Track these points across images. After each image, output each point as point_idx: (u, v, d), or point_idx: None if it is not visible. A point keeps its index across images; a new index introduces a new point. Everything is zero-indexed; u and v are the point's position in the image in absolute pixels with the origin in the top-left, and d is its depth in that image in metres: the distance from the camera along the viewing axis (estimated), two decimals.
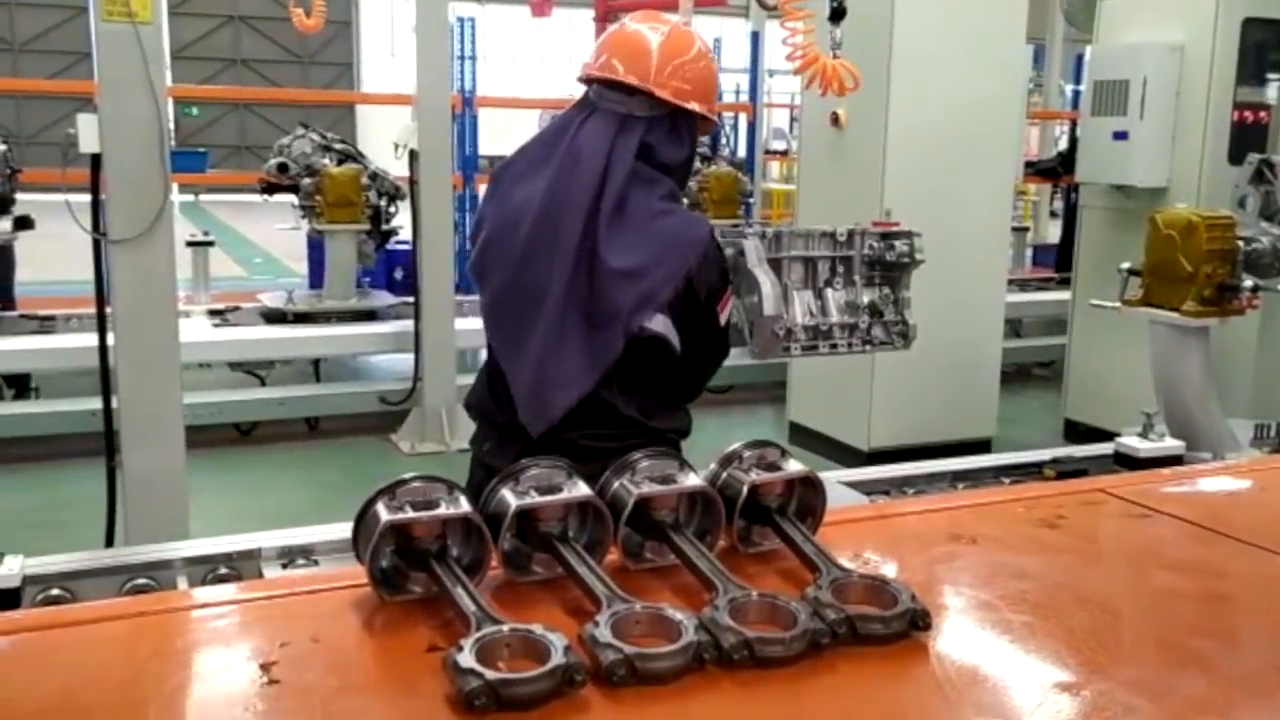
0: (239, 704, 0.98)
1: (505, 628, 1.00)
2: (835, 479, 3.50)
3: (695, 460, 1.39)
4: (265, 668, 1.02)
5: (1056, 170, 10.42)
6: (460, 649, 0.95)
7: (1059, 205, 14.15)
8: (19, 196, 7.15)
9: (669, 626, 1.03)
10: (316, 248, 7.93)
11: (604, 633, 1.00)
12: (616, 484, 1.28)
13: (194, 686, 1.01)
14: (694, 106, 2.16)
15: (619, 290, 2.03)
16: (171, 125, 5.01)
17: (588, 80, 2.20)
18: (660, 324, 2.05)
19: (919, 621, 1.10)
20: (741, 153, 12.50)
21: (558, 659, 0.94)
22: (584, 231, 2.04)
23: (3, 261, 7.38)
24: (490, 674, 0.92)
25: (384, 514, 1.15)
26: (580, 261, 2.04)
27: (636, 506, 1.24)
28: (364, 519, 1.18)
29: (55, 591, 2.59)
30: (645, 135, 2.12)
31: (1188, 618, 1.18)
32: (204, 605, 1.24)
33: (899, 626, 1.09)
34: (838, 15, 3.80)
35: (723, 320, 2.20)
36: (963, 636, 1.12)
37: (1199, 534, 1.41)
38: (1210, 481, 1.84)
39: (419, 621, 1.11)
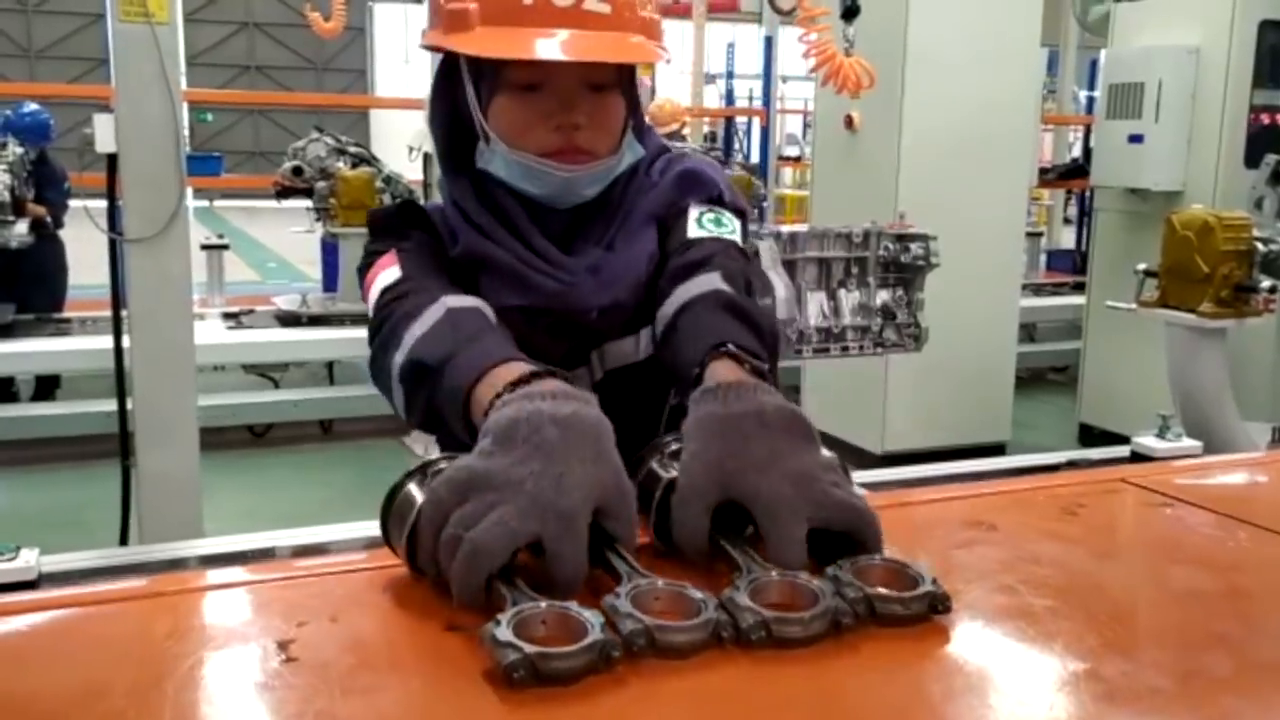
0: (256, 680, 0.97)
1: (542, 604, 0.99)
2: None
3: None
4: (283, 646, 1.02)
5: (1083, 167, 10.39)
6: (498, 623, 0.95)
7: (1073, 211, 14.11)
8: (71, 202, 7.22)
9: (688, 604, 1.02)
10: (330, 251, 7.96)
11: (624, 604, 0.99)
12: (651, 464, 1.27)
13: (211, 664, 1.01)
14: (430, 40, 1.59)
15: None
16: (186, 131, 5.05)
17: None
18: None
19: (939, 605, 1.09)
20: (755, 158, 12.52)
21: (595, 635, 0.94)
22: None
23: (52, 261, 7.37)
24: (529, 648, 0.92)
25: (418, 495, 1.15)
26: None
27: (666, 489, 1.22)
28: (394, 501, 1.18)
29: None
30: None
31: (1213, 603, 1.17)
32: (221, 586, 1.24)
33: (919, 608, 1.08)
34: (851, 13, 3.80)
35: None
36: (984, 619, 1.11)
37: (1222, 522, 1.40)
38: (1231, 472, 1.82)
39: (438, 602, 1.10)
